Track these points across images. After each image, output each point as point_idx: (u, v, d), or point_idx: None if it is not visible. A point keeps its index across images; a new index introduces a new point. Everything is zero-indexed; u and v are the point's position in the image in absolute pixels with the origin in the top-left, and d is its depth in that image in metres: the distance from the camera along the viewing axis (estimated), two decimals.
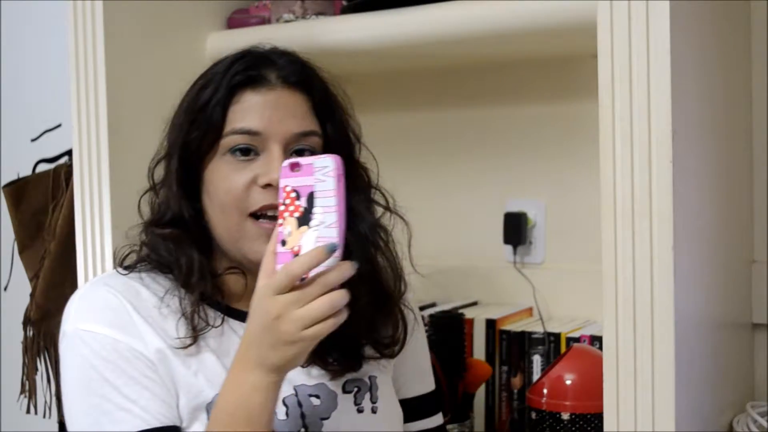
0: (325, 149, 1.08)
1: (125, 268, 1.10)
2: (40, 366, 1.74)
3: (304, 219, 0.94)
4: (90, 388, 1.02)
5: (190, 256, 1.07)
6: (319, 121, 1.09)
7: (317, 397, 1.10)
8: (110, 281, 1.08)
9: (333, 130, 1.10)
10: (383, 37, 1.39)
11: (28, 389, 1.77)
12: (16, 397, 1.79)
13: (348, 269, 0.93)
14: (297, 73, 1.09)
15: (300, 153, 1.06)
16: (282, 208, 0.95)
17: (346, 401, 1.12)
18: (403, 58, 1.55)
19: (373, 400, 1.14)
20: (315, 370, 1.12)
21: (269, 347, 0.94)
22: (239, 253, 1.07)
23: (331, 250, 0.92)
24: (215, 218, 1.07)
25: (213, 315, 1.08)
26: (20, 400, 1.79)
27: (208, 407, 1.03)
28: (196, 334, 1.05)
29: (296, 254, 0.93)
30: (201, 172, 1.08)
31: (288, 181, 0.95)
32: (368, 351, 1.14)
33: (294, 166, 0.95)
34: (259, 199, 1.05)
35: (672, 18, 1.02)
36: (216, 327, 1.07)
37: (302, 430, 1.08)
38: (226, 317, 1.09)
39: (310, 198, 0.94)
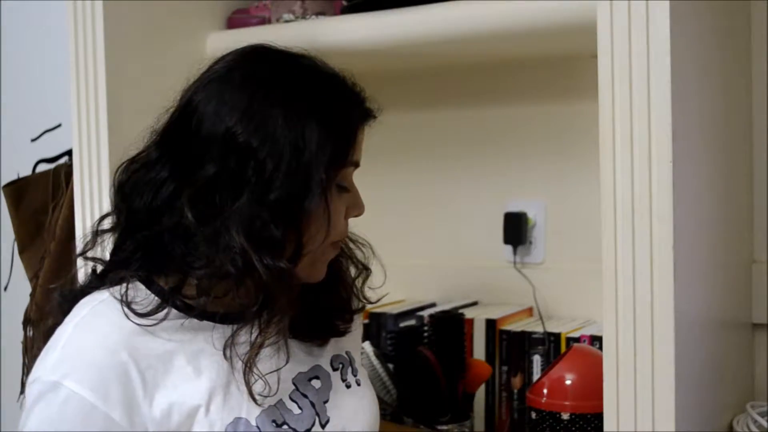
0: None
1: (112, 284, 1.01)
2: None
3: None
4: None
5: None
6: None
7: (317, 378, 1.11)
8: (106, 327, 0.97)
9: None
10: (383, 37, 1.39)
11: None
12: (16, 397, 1.79)
13: None
14: None
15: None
16: None
17: (336, 379, 1.14)
18: (403, 58, 1.55)
19: (354, 374, 1.17)
20: (302, 353, 1.11)
21: None
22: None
23: None
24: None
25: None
26: (20, 400, 1.79)
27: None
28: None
29: None
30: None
31: None
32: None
33: None
34: (344, 231, 1.08)
35: (672, 18, 1.02)
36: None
37: (316, 418, 1.08)
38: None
39: None
